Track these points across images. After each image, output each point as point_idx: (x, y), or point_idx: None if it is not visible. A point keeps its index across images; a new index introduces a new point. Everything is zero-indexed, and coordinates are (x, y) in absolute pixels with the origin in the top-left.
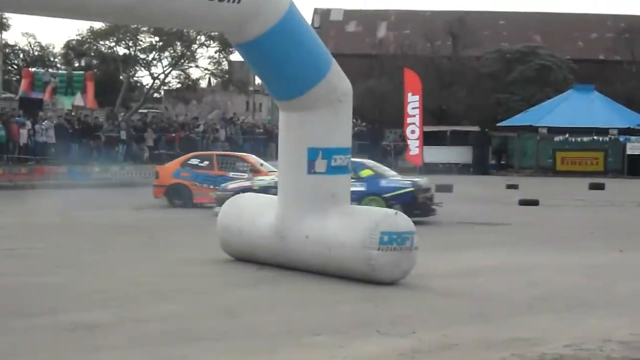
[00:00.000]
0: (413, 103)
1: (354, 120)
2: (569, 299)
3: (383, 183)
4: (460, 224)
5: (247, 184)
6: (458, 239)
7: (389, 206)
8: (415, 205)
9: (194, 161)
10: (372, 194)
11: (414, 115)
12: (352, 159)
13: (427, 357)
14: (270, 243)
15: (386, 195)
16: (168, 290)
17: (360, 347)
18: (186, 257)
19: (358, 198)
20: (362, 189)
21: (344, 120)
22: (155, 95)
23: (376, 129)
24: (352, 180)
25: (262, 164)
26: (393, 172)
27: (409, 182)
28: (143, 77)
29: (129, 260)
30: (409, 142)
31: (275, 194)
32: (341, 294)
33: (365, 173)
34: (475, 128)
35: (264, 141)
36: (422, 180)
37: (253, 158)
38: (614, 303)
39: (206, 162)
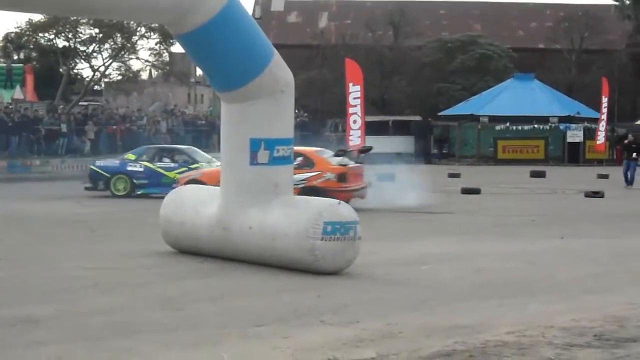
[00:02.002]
0: (354, 93)
1: (296, 110)
2: (511, 286)
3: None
4: (402, 213)
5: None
6: (401, 228)
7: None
8: None
9: None
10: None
11: (356, 105)
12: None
13: (371, 345)
14: (214, 235)
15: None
16: (110, 283)
17: (304, 337)
18: (128, 250)
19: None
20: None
21: (286, 110)
22: (96, 87)
23: (318, 119)
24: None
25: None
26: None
27: None
28: (83, 69)
29: (70, 254)
30: (350, 132)
31: None
32: (285, 284)
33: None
34: (417, 117)
35: (206, 133)
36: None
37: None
38: (555, 289)
39: None
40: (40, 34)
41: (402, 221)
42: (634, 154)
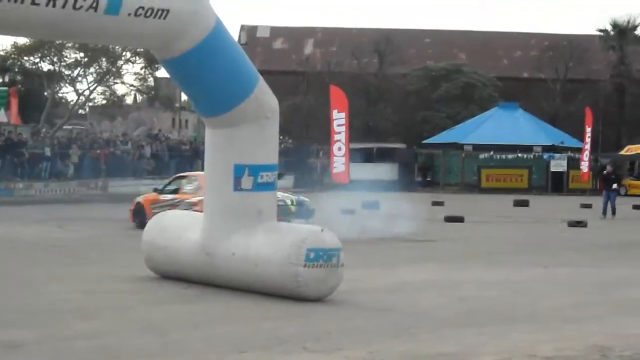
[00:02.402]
0: (339, 120)
1: (281, 137)
2: (494, 314)
3: None
4: (386, 241)
5: None
6: (385, 255)
7: None
8: None
9: None
10: None
11: (340, 132)
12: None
13: None
14: (197, 260)
15: None
16: (93, 307)
17: None
18: (111, 274)
19: None
20: None
21: (271, 136)
22: (81, 111)
23: (302, 146)
24: None
25: None
26: None
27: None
28: (68, 93)
29: (53, 278)
30: (334, 159)
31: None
32: (267, 310)
33: None
34: (402, 145)
35: (190, 158)
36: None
37: None
38: (538, 318)
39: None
40: (25, 57)
41: (386, 248)
42: (614, 185)
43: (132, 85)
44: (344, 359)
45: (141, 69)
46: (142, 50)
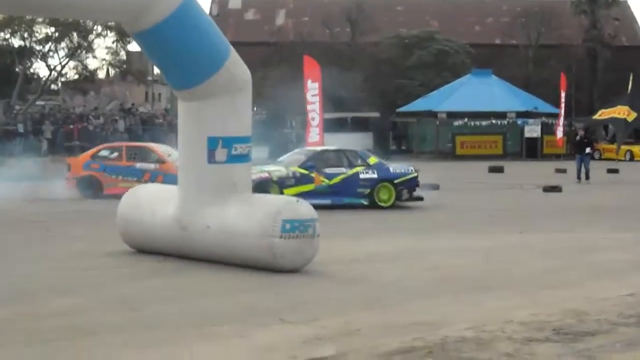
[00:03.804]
0: (312, 90)
1: (254, 108)
2: (469, 282)
3: (392, 169)
4: (360, 211)
5: (265, 175)
6: (358, 225)
7: (399, 191)
8: (416, 189)
9: (104, 153)
10: (385, 180)
11: (314, 103)
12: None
13: (330, 343)
14: (172, 234)
15: (397, 180)
16: (66, 284)
17: (263, 335)
18: (85, 250)
19: (371, 185)
20: (375, 175)
21: (244, 108)
22: (53, 87)
23: (277, 117)
24: (363, 168)
25: (170, 154)
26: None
27: (411, 168)
28: (40, 68)
29: (26, 255)
30: (309, 129)
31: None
32: (243, 282)
33: (373, 160)
34: (376, 114)
35: (164, 131)
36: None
37: (161, 148)
38: (513, 284)
39: (115, 154)
40: None
41: (359, 218)
42: (587, 149)
43: (104, 59)
44: (320, 329)
45: (113, 42)
46: (113, 24)
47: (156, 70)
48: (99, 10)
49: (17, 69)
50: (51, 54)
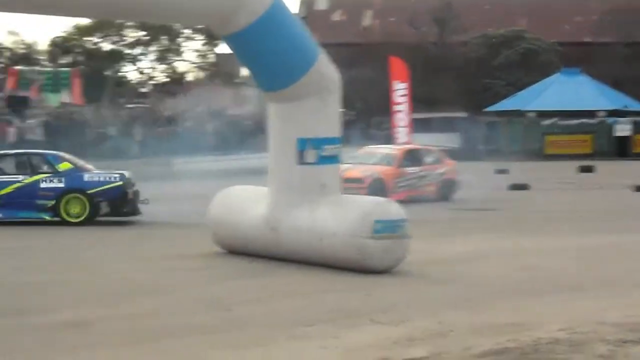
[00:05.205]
0: (400, 91)
1: (343, 109)
2: (561, 282)
3: (86, 177)
4: (450, 210)
5: None
6: (449, 225)
7: (95, 204)
8: (126, 201)
9: None
10: (74, 190)
11: (402, 103)
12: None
13: (421, 344)
14: (262, 235)
15: (90, 191)
16: (158, 285)
17: (354, 336)
18: (177, 252)
19: (55, 196)
20: (61, 185)
21: (333, 109)
22: (142, 90)
23: (363, 118)
24: (46, 175)
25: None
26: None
27: (117, 175)
28: (129, 72)
29: (119, 256)
30: (397, 129)
31: None
32: (333, 283)
33: (64, 166)
34: (463, 114)
35: (253, 133)
36: (128, 173)
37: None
38: (605, 285)
39: None
40: (87, 38)
41: (450, 218)
42: None
43: (193, 62)
44: (412, 330)
45: (202, 45)
46: (202, 26)
47: (245, 72)
48: (189, 14)
49: (107, 73)
50: (141, 57)
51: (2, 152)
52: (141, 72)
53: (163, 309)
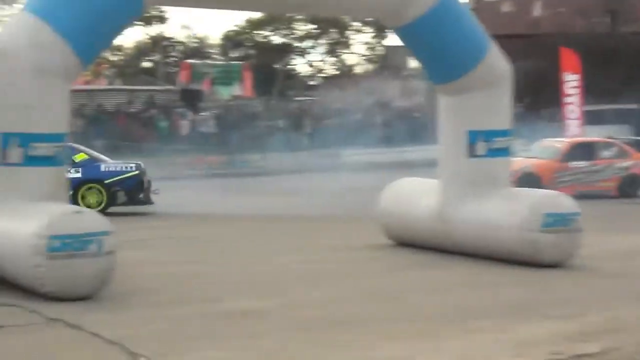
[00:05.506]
0: (571, 82)
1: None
2: None
3: (103, 168)
4: (624, 204)
5: None
6: (622, 219)
7: (112, 194)
8: (142, 190)
9: None
10: (91, 180)
11: (573, 95)
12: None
13: (594, 340)
14: (431, 227)
15: (108, 181)
16: (326, 275)
17: (526, 330)
18: (346, 243)
19: (72, 187)
20: (78, 175)
21: (504, 102)
22: (312, 83)
23: (532, 110)
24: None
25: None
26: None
27: (132, 165)
28: (298, 65)
29: (285, 247)
30: (568, 122)
31: None
32: (503, 276)
33: (80, 157)
34: (634, 105)
35: (421, 126)
36: (141, 163)
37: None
38: None
39: None
40: (258, 32)
41: (624, 212)
42: None
43: (361, 55)
44: (586, 325)
45: (371, 37)
46: (371, 19)
47: (413, 65)
48: (361, 7)
49: (277, 66)
50: (310, 50)
51: None
52: (310, 65)
53: (332, 299)
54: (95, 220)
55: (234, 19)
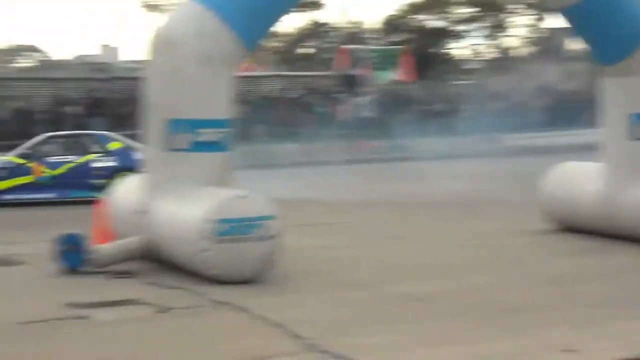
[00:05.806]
0: None
1: None
2: None
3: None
4: None
5: None
6: None
7: None
8: None
9: None
10: (126, 168)
11: None
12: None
13: None
14: (596, 211)
15: None
16: (489, 261)
17: None
18: (508, 228)
19: (107, 175)
20: (113, 164)
21: None
22: (470, 67)
23: None
24: (98, 155)
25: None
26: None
27: None
28: (456, 49)
29: (446, 233)
30: None
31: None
32: None
33: (114, 145)
34: None
35: (581, 109)
36: None
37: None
38: None
39: None
40: (416, 16)
41: None
42: None
43: (522, 37)
44: None
45: (532, 20)
46: (531, 1)
47: (573, 47)
48: None
49: (435, 50)
50: (469, 34)
51: (52, 133)
52: (470, 49)
53: (498, 285)
54: (260, 204)
55: (394, 4)
